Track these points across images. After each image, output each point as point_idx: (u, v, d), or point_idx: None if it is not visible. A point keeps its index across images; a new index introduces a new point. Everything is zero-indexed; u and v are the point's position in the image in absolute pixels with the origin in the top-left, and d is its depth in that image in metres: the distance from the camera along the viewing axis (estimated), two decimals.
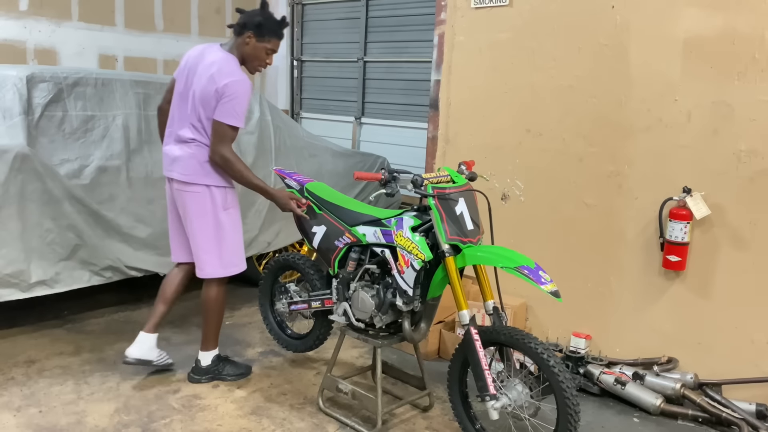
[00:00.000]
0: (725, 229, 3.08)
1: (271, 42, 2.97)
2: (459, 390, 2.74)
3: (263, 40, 2.95)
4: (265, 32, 2.93)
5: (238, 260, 3.14)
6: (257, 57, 2.98)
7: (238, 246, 3.13)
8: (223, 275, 3.11)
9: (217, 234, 3.04)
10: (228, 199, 3.05)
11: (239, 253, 3.14)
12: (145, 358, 3.17)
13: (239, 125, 2.88)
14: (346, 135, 6.07)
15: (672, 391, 3.10)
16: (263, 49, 2.97)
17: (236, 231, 3.11)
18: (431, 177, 2.66)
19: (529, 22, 3.60)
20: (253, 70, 3.03)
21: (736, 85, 2.99)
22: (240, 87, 2.85)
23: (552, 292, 2.36)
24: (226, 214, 3.05)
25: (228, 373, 3.27)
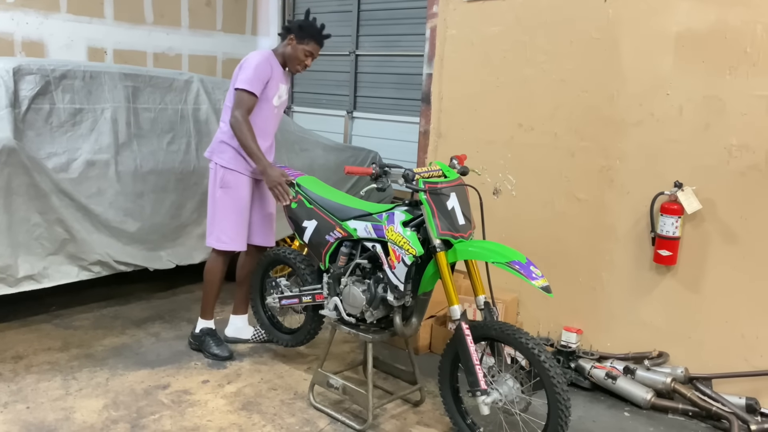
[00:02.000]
0: (716, 223, 3.09)
1: (309, 45, 3.26)
2: (450, 385, 2.73)
3: (302, 42, 3.25)
4: (305, 35, 3.25)
5: (227, 238, 3.34)
6: (296, 57, 3.27)
7: (228, 225, 3.32)
8: (214, 247, 3.38)
9: (213, 208, 3.35)
10: (226, 179, 3.29)
11: (229, 232, 3.33)
12: (238, 336, 3.64)
13: (244, 87, 3.13)
14: (337, 129, 6.04)
15: (663, 385, 3.10)
16: (302, 51, 3.26)
17: (228, 210, 3.31)
18: (423, 171, 2.64)
19: (522, 16, 3.59)
20: (294, 70, 3.34)
21: (727, 80, 2.99)
22: (251, 57, 3.21)
23: (543, 287, 2.35)
24: (222, 192, 3.30)
25: (208, 350, 3.44)
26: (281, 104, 3.42)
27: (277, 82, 3.31)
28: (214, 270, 3.43)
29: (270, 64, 3.24)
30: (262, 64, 3.19)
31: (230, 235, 3.35)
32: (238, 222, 3.35)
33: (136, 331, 3.75)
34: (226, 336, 3.63)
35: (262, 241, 3.52)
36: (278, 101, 3.36)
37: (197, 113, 4.18)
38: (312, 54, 3.31)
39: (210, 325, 3.51)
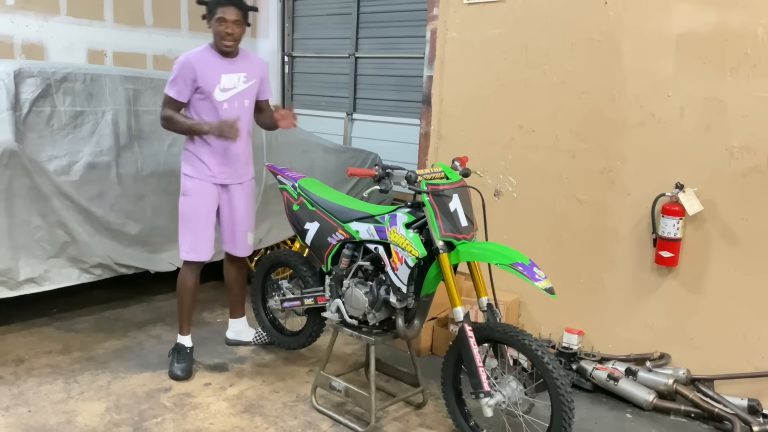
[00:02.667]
0: (718, 225, 3.09)
1: (216, 12, 3.03)
2: (453, 387, 2.73)
3: (212, 16, 3.05)
4: (209, 8, 3.06)
5: (187, 247, 3.23)
6: (216, 32, 3.07)
7: (188, 233, 3.22)
8: (180, 257, 3.27)
9: (178, 217, 3.26)
10: (185, 186, 3.20)
11: (189, 241, 3.22)
12: (240, 339, 3.59)
13: (165, 91, 3.09)
14: (337, 131, 6.04)
15: (664, 386, 3.11)
16: (216, 23, 3.04)
17: (187, 218, 3.21)
18: (425, 173, 2.65)
19: (522, 18, 3.59)
20: (223, 47, 3.09)
21: (728, 81, 2.99)
22: (177, 61, 3.08)
23: (547, 288, 2.35)
24: (182, 200, 3.22)
25: (169, 366, 3.29)
26: (233, 97, 3.15)
27: (215, 75, 3.09)
28: (182, 281, 3.30)
29: (192, 60, 3.05)
30: (180, 63, 3.05)
31: (190, 243, 3.23)
32: (198, 230, 3.21)
33: (138, 334, 3.75)
34: (228, 339, 3.61)
35: (230, 249, 3.40)
36: (224, 94, 3.11)
37: None
38: (224, 19, 3.03)
39: (182, 340, 3.33)
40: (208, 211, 3.24)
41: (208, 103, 3.10)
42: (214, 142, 3.15)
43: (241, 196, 3.32)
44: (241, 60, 3.19)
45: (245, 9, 3.11)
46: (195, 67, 3.04)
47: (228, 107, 3.14)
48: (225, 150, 3.19)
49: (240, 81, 3.17)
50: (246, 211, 3.37)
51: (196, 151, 3.17)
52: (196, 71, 3.05)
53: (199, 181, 3.18)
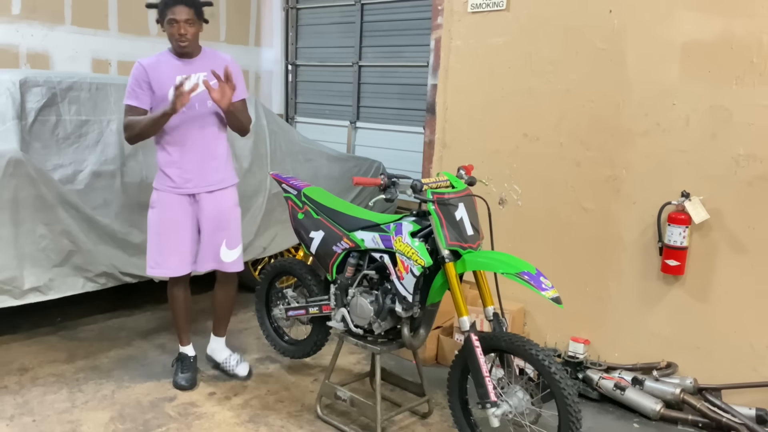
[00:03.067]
0: (724, 233, 3.08)
1: (166, 14, 2.94)
2: (459, 397, 2.71)
3: (163, 19, 2.96)
4: (160, 10, 2.97)
5: (153, 263, 3.14)
6: (169, 35, 2.98)
7: (153, 247, 3.13)
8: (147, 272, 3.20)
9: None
10: (152, 198, 3.13)
11: (153, 255, 3.13)
12: (212, 356, 3.46)
13: (124, 101, 3.04)
14: (341, 139, 6.05)
15: (672, 396, 3.09)
16: (167, 26, 2.96)
17: (153, 231, 3.12)
18: (431, 182, 2.64)
19: (526, 27, 3.60)
20: (179, 49, 3.00)
21: (734, 90, 2.99)
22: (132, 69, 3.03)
23: (553, 298, 2.34)
24: (149, 212, 3.15)
25: (173, 376, 3.27)
26: (193, 99, 2.97)
27: (170, 77, 2.96)
28: (170, 295, 3.24)
29: (145, 64, 2.99)
30: (134, 70, 3.00)
31: (155, 258, 3.12)
32: (162, 244, 3.09)
33: (142, 343, 3.74)
34: (207, 353, 3.49)
35: (206, 264, 3.23)
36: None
37: None
38: (175, 20, 2.92)
39: (184, 350, 3.32)
40: (176, 224, 3.10)
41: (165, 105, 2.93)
42: (172, 151, 3.06)
43: (210, 207, 3.15)
44: (200, 60, 3.07)
45: (196, 6, 2.98)
46: (148, 71, 2.97)
47: (187, 110, 2.98)
48: (184, 156, 3.06)
49: (198, 81, 2.98)
50: (216, 223, 3.17)
51: (159, 162, 3.10)
52: (149, 75, 2.97)
53: (163, 193, 3.10)
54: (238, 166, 4.21)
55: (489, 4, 3.71)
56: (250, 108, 4.41)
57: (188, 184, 3.09)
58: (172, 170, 3.07)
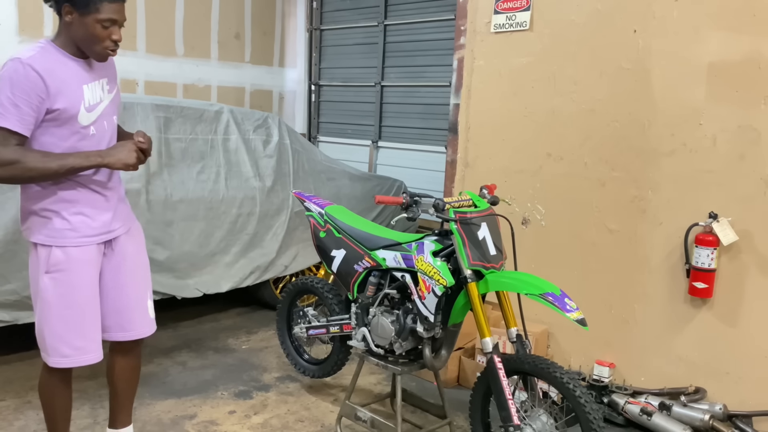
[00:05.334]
0: (753, 255, 3.01)
1: (102, 9, 2.00)
2: (481, 420, 2.67)
3: (88, 11, 2.00)
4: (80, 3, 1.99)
5: (69, 348, 2.18)
6: (92, 37, 2.03)
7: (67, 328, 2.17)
8: (46, 362, 2.22)
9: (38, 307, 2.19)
10: (55, 259, 2.12)
11: (71, 338, 2.18)
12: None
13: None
14: (363, 159, 6.07)
15: (700, 422, 3.00)
16: (95, 23, 2.01)
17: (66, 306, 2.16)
18: (453, 201, 2.63)
19: (550, 47, 3.59)
20: (98, 56, 2.11)
21: (762, 110, 2.94)
22: (6, 70, 1.97)
23: (578, 320, 2.30)
24: (47, 282, 2.14)
25: None
26: (101, 116, 2.16)
27: (76, 88, 2.08)
28: (50, 392, 2.32)
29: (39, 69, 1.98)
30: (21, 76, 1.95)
31: (74, 343, 2.19)
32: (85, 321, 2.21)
33: (163, 360, 3.75)
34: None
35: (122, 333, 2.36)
36: (90, 115, 2.11)
37: (227, 143, 4.23)
38: (116, 21, 2.05)
39: None
40: (93, 288, 2.22)
41: (65, 130, 2.07)
42: (87, 181, 2.16)
43: (132, 249, 2.35)
44: (97, 63, 2.18)
45: None
46: (45, 79, 1.99)
47: (96, 132, 2.15)
48: (103, 187, 2.21)
49: (104, 91, 2.20)
50: (143, 269, 2.40)
51: (45, 206, 2.12)
52: (47, 84, 1.99)
53: (77, 249, 2.15)
54: (261, 185, 4.25)
55: (512, 24, 3.72)
56: (273, 127, 4.46)
57: (104, 227, 2.23)
58: (74, 215, 2.15)
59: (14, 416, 2.99)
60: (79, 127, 2.09)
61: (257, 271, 4.25)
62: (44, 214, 2.13)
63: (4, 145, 1.96)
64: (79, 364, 2.23)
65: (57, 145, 2.07)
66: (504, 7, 3.75)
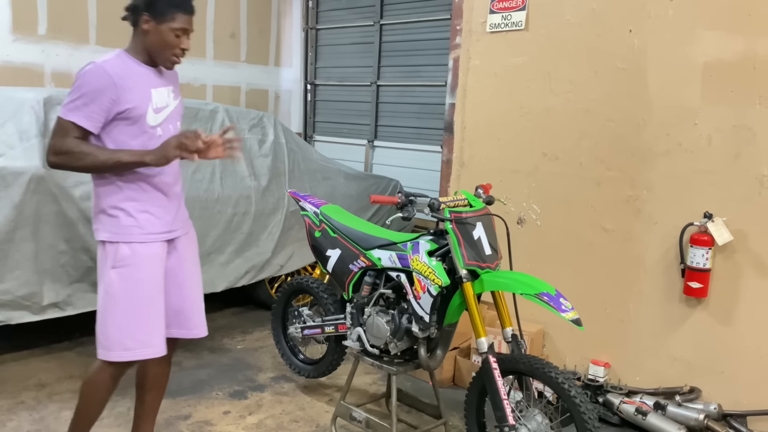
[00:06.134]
0: (748, 255, 3.02)
1: (176, 19, 2.22)
2: (476, 419, 2.67)
3: (165, 20, 2.21)
4: (163, 8, 2.21)
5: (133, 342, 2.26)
6: (165, 44, 2.24)
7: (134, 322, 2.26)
8: (106, 358, 2.27)
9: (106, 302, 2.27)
10: (121, 254, 2.24)
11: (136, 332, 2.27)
12: None
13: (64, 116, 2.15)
14: (358, 158, 6.07)
15: (695, 422, 3.01)
16: (169, 32, 2.22)
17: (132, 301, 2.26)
18: (448, 201, 2.62)
19: (545, 47, 3.59)
20: (167, 62, 2.30)
21: (757, 109, 2.95)
22: (84, 73, 2.16)
23: (574, 320, 2.30)
24: (116, 276, 2.24)
25: None
26: (167, 119, 2.32)
27: (145, 91, 2.26)
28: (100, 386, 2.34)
29: (112, 74, 2.16)
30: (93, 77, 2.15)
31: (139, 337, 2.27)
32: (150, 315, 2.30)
33: None
34: None
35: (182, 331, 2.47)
36: (157, 117, 2.28)
37: None
38: (186, 30, 2.27)
39: None
40: (158, 285, 2.31)
41: (134, 129, 2.24)
42: (153, 180, 2.29)
43: (191, 251, 2.49)
44: (165, 71, 2.39)
45: None
46: (117, 84, 2.16)
47: (162, 133, 2.30)
48: (168, 188, 2.35)
49: (170, 97, 2.36)
50: (199, 268, 2.54)
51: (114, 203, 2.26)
52: (119, 89, 2.17)
53: (142, 245, 2.26)
54: (256, 184, 4.24)
55: (508, 24, 3.71)
56: (269, 126, 4.45)
57: (167, 227, 2.35)
58: (140, 213, 2.28)
59: (7, 417, 2.97)
60: (147, 127, 2.26)
61: (252, 271, 4.24)
62: (112, 212, 2.26)
63: (64, 136, 2.15)
64: (142, 357, 2.30)
65: (127, 143, 2.23)
66: (499, 7, 3.74)
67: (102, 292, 2.27)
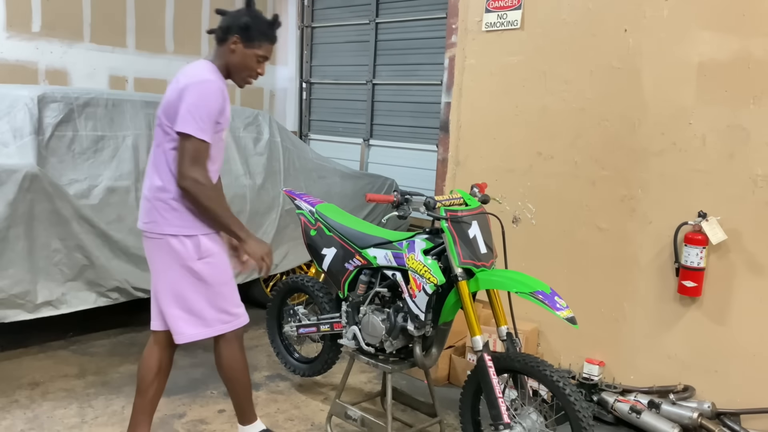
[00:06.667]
0: (742, 254, 3.03)
1: (262, 47, 2.44)
2: (471, 418, 2.67)
3: (252, 45, 2.42)
4: (254, 35, 2.41)
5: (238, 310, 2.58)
6: (246, 66, 2.45)
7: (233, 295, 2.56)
8: (224, 331, 2.53)
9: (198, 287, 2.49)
10: (204, 247, 2.46)
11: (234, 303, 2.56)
12: None
13: (201, 136, 2.29)
14: (354, 157, 6.06)
15: (689, 420, 3.02)
16: (253, 57, 2.44)
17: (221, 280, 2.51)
18: (444, 199, 2.63)
19: (541, 46, 3.60)
20: (241, 82, 2.51)
21: (751, 109, 2.96)
22: (203, 87, 2.31)
23: (568, 318, 2.31)
24: (202, 266, 2.46)
25: None
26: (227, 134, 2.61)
27: (228, 108, 2.47)
28: (238, 358, 2.59)
29: (223, 89, 2.39)
30: (214, 95, 2.33)
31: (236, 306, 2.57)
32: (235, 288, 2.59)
33: None
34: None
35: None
36: (227, 132, 2.57)
37: None
38: (266, 57, 2.49)
39: (261, 426, 2.71)
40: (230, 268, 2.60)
41: (216, 136, 2.44)
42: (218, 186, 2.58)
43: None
44: None
45: None
46: (223, 99, 2.40)
47: (222, 140, 2.53)
48: None
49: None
50: None
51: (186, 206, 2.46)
52: (224, 102, 2.41)
53: (213, 236, 2.50)
54: (251, 183, 4.23)
55: (503, 23, 3.72)
56: (264, 125, 4.44)
57: None
58: None
59: (1, 415, 2.96)
60: (221, 138, 2.47)
61: None
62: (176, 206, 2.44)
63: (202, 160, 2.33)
64: (240, 325, 2.57)
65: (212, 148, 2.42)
66: (495, 6, 3.75)
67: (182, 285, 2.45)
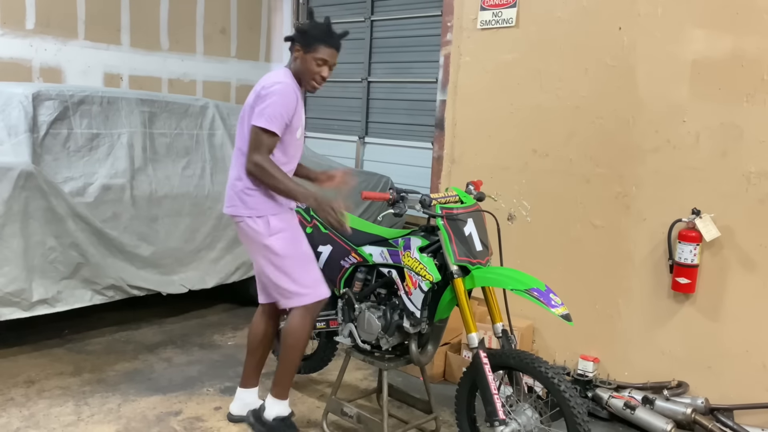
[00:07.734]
0: (735, 251, 3.05)
1: (320, 51, 2.65)
2: (467, 414, 2.69)
3: (310, 50, 2.66)
4: (310, 40, 2.65)
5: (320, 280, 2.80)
6: (308, 70, 2.68)
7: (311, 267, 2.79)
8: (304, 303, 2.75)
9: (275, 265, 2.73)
10: (273, 226, 2.70)
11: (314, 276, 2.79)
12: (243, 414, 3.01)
13: (268, 127, 2.56)
14: (349, 154, 6.06)
15: (683, 416, 3.04)
16: (312, 60, 2.66)
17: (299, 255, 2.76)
18: (439, 197, 2.64)
19: (536, 43, 3.61)
20: (308, 86, 2.73)
21: (744, 107, 2.98)
22: (277, 89, 2.60)
23: (563, 315, 2.32)
24: (277, 242, 2.70)
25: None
26: (302, 133, 2.86)
27: (301, 109, 2.76)
28: (304, 331, 2.77)
29: (295, 91, 2.67)
30: (288, 94, 2.61)
31: (318, 278, 2.80)
32: (313, 260, 2.83)
33: (148, 356, 3.73)
34: (231, 414, 3.04)
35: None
36: (301, 132, 2.81)
37: (212, 138, 4.21)
38: (327, 62, 2.68)
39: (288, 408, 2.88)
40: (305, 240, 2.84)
41: (290, 136, 2.72)
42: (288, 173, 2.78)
43: None
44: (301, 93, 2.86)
45: None
46: (296, 99, 2.66)
47: (299, 145, 2.82)
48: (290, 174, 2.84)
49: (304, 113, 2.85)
50: None
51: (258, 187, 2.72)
52: (297, 103, 2.67)
53: (284, 214, 2.76)
54: None
55: (498, 20, 3.73)
56: None
57: (288, 202, 2.81)
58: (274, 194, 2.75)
59: None
60: (295, 138, 2.75)
61: (243, 267, 4.24)
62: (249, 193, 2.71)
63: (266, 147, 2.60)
64: (316, 299, 2.78)
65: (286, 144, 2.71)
66: (490, 4, 3.76)
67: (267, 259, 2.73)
